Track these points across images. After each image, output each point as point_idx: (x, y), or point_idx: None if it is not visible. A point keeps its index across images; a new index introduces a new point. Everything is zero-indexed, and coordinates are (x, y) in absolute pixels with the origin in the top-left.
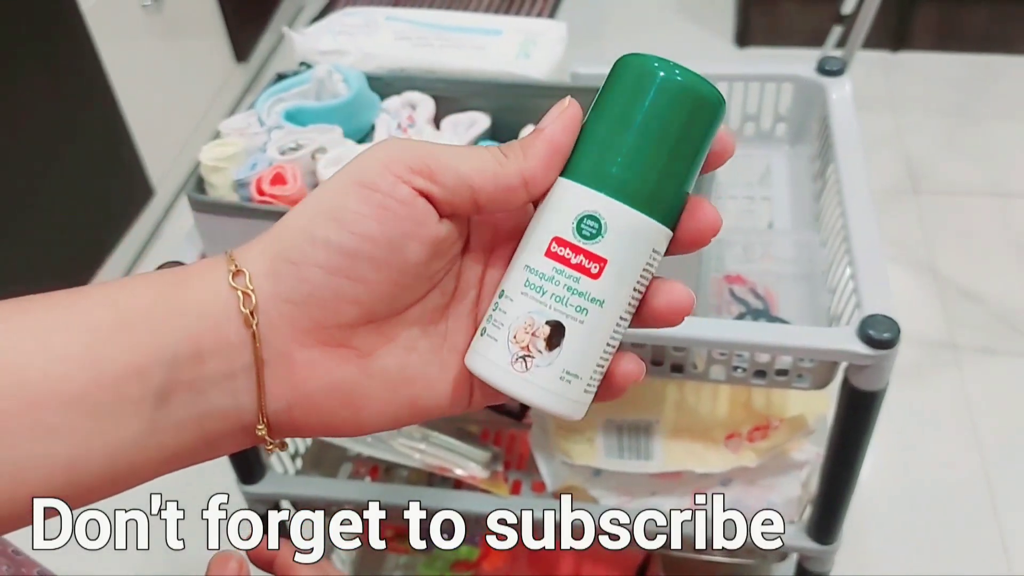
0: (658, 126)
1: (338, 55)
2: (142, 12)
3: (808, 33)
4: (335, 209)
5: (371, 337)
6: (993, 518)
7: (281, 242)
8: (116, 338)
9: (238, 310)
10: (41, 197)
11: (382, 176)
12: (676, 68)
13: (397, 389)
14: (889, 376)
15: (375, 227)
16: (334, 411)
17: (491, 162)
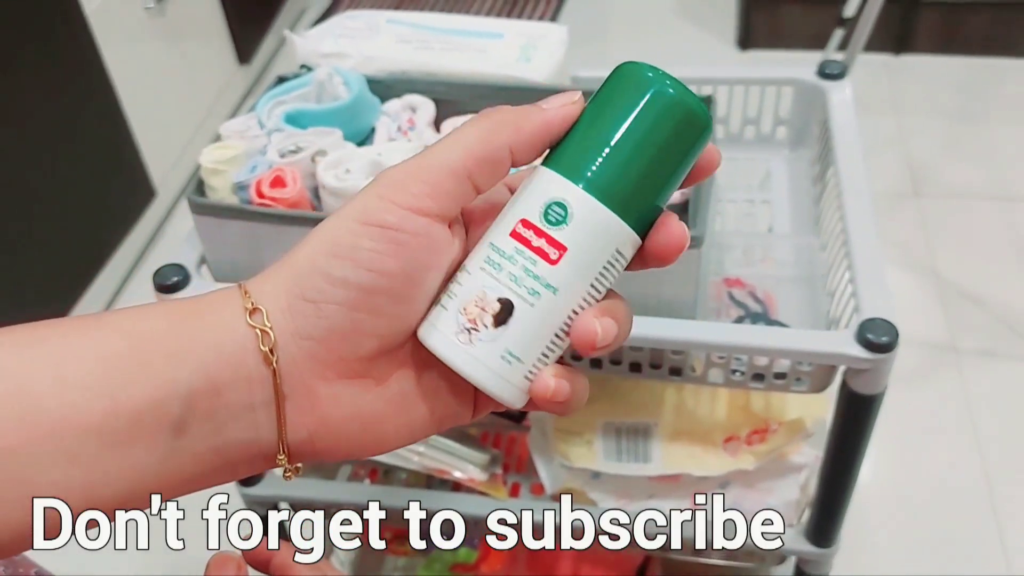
0: (642, 132)
1: (339, 58)
2: (145, 14)
3: (810, 36)
4: (349, 249)
5: (386, 364)
6: (993, 521)
7: (297, 280)
8: (132, 370)
9: (256, 347)
10: (44, 198)
11: (390, 211)
12: (669, 80)
13: (411, 409)
14: (887, 380)
15: (392, 263)
16: (354, 436)
17: (480, 142)
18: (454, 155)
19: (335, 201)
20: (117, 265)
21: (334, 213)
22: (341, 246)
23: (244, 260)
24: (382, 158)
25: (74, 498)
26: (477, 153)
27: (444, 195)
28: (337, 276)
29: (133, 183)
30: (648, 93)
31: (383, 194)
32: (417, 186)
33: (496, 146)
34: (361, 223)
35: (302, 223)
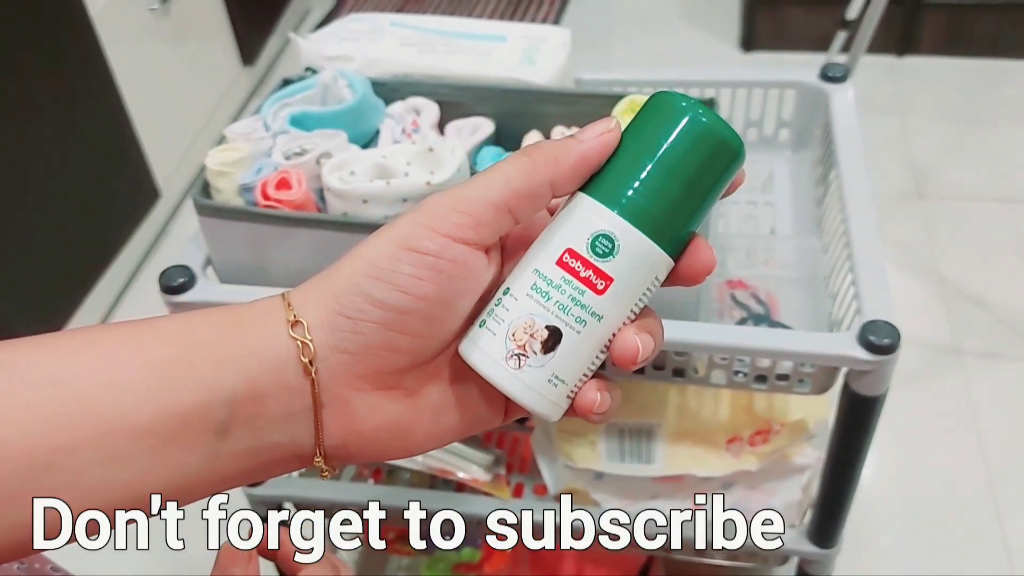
0: (678, 162)
1: (343, 60)
2: (150, 15)
3: (813, 38)
4: (389, 273)
5: (418, 377)
6: (996, 522)
7: (337, 297)
8: (180, 376)
9: (297, 358)
10: (48, 198)
11: (430, 239)
12: (703, 109)
13: (442, 417)
14: (890, 381)
15: (431, 289)
16: (386, 443)
17: (520, 175)
18: (495, 189)
19: (340, 203)
20: (121, 266)
21: (375, 234)
22: (381, 269)
23: (249, 262)
24: (386, 160)
25: (121, 494)
26: (518, 188)
27: (484, 226)
28: (376, 297)
29: (137, 184)
30: (683, 122)
31: (425, 222)
32: (458, 216)
33: (537, 182)
34: (402, 248)
35: (307, 225)
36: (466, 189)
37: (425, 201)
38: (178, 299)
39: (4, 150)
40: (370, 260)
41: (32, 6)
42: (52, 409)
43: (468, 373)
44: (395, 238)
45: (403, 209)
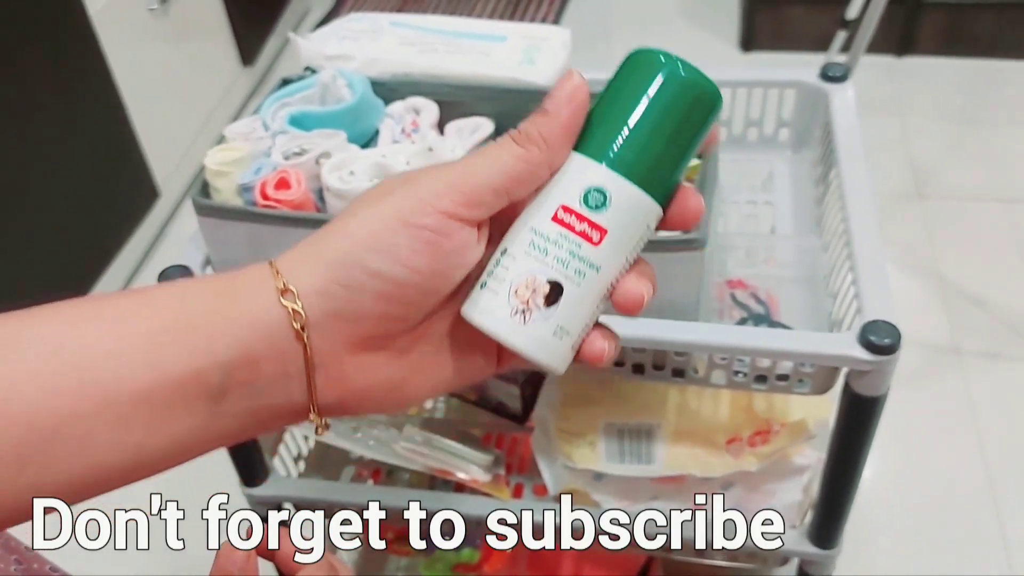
0: (664, 114)
1: (343, 60)
2: (149, 15)
3: (813, 38)
4: (388, 245)
5: (409, 338)
6: (996, 522)
7: (333, 266)
8: (176, 343)
9: (289, 324)
10: (47, 198)
11: (429, 215)
12: (680, 62)
13: (435, 371)
14: (890, 381)
15: (426, 262)
16: (380, 398)
17: (518, 162)
18: (495, 174)
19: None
20: (121, 265)
21: (367, 204)
22: (380, 241)
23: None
24: (386, 160)
25: (127, 456)
26: (517, 174)
27: (481, 206)
28: (373, 268)
29: (137, 184)
30: (662, 75)
31: (425, 198)
32: (459, 196)
33: (535, 164)
34: (400, 222)
35: (306, 224)
36: (467, 171)
37: (421, 174)
38: None
39: (4, 150)
40: (368, 232)
41: (32, 6)
42: (56, 379)
43: (458, 329)
44: (394, 212)
45: None
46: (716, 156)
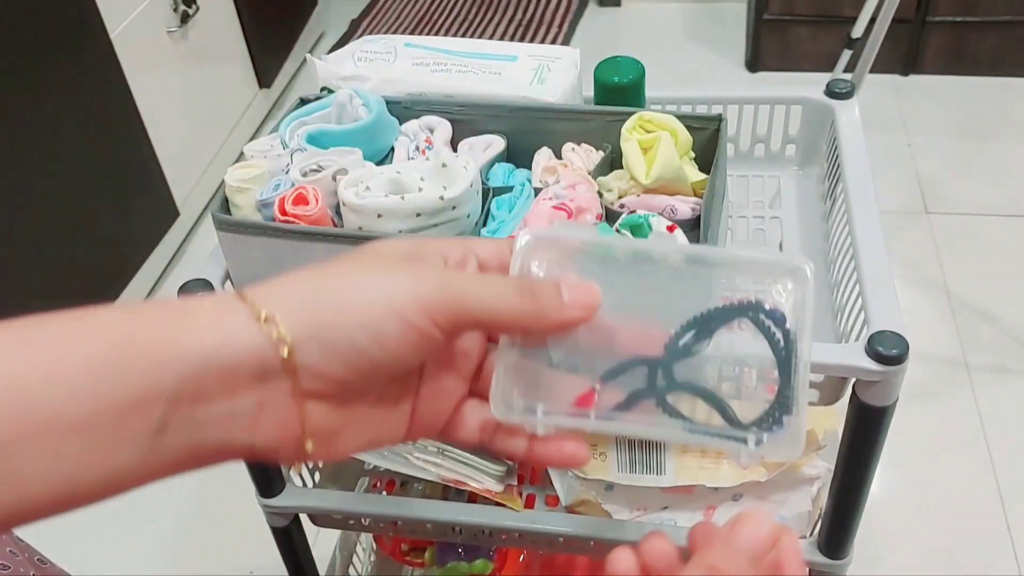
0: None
1: (359, 80)
2: (168, 38)
3: (818, 58)
4: (377, 329)
5: (363, 401)
6: (1006, 534)
7: (317, 325)
8: (118, 372)
9: (251, 359)
10: (69, 216)
11: (421, 319)
12: None
13: (368, 427)
14: (898, 392)
15: (407, 353)
16: (316, 445)
17: (508, 310)
18: (487, 309)
19: (355, 217)
20: (140, 283)
21: (369, 278)
22: (371, 321)
23: (267, 276)
24: (401, 176)
25: (58, 488)
26: (503, 321)
27: (464, 326)
28: (358, 345)
29: (157, 203)
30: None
31: (423, 298)
32: (450, 312)
33: (519, 325)
34: (394, 313)
35: (324, 239)
36: (465, 291)
37: (425, 266)
38: None
39: (28, 170)
40: (361, 308)
41: (54, 29)
42: None
43: (392, 394)
44: (390, 299)
45: (416, 223)
46: (724, 171)
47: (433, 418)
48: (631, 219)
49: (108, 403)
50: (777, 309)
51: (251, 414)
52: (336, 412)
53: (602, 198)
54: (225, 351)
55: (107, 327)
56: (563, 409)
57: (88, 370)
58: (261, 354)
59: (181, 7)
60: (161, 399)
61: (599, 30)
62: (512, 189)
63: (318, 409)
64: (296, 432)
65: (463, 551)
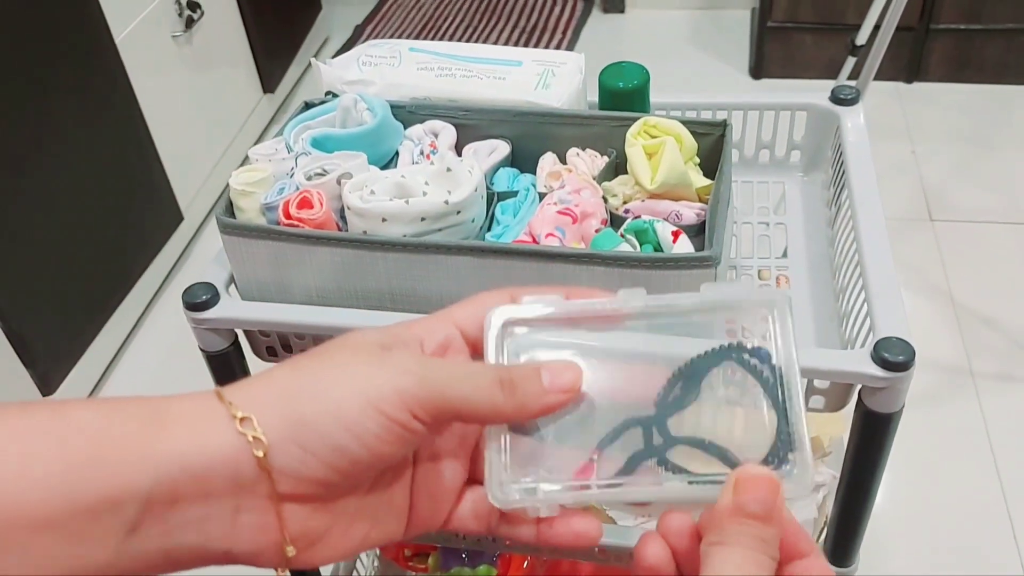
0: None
1: (363, 85)
2: (173, 43)
3: (822, 65)
4: (356, 426)
5: (350, 500)
6: (1012, 542)
7: (293, 425)
8: (93, 472)
9: (227, 462)
10: (74, 220)
11: (400, 411)
12: None
13: (351, 528)
14: (904, 398)
15: (388, 449)
16: (299, 550)
17: (488, 403)
18: (466, 402)
19: (360, 221)
20: (144, 287)
21: (343, 374)
22: (348, 418)
23: (271, 279)
24: (405, 180)
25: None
26: (480, 413)
27: (444, 417)
28: (337, 443)
29: (161, 207)
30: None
31: (401, 390)
32: (429, 405)
33: (501, 416)
34: (373, 407)
35: (328, 243)
36: (444, 383)
37: (397, 355)
38: (202, 316)
39: (33, 174)
40: (336, 403)
41: (59, 33)
42: None
43: (382, 490)
44: (366, 393)
45: (421, 228)
46: (729, 177)
47: (434, 511)
48: (636, 224)
49: (81, 501)
50: (761, 347)
51: (227, 519)
52: (319, 514)
53: (607, 203)
54: (200, 454)
55: (85, 424)
56: (564, 484)
57: (63, 468)
58: (236, 457)
59: (186, 12)
60: (134, 500)
61: (603, 37)
62: (517, 194)
63: (299, 512)
64: (275, 537)
65: (467, 556)
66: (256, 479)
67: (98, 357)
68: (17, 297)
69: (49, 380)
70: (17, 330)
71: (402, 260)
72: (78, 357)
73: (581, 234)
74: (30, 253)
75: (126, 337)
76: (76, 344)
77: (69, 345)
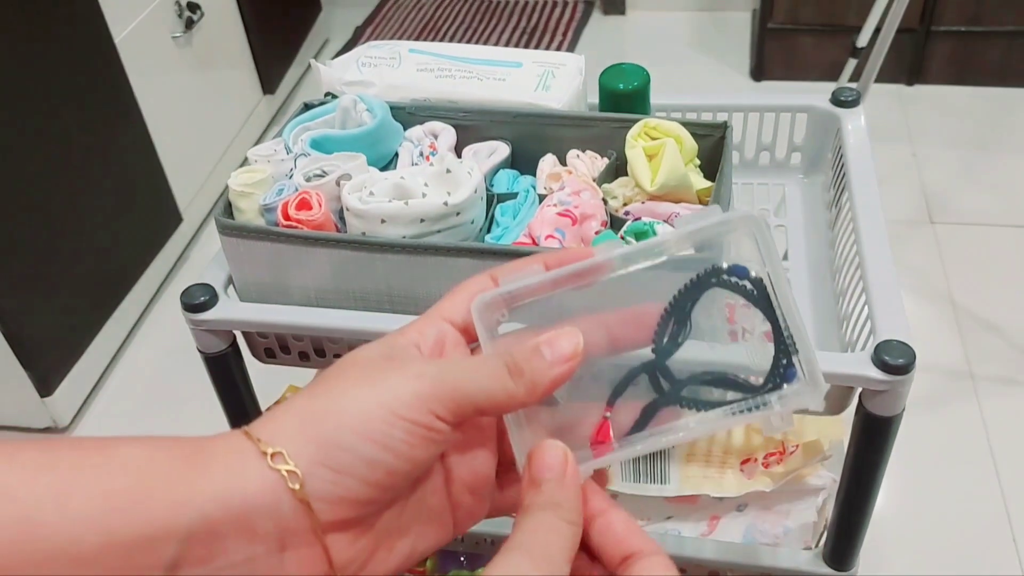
0: None
1: (363, 86)
2: (173, 44)
3: (823, 67)
4: (383, 436)
5: (384, 518)
6: (1012, 546)
7: (321, 447)
8: (133, 509)
9: (265, 499)
10: (73, 221)
11: (423, 414)
12: None
13: (396, 543)
14: (905, 402)
15: (417, 453)
16: (351, 574)
17: (502, 398)
18: (482, 396)
19: (359, 223)
20: (143, 288)
21: (361, 389)
22: (374, 430)
23: (270, 281)
24: (405, 181)
25: None
26: (497, 404)
27: (462, 416)
28: (367, 456)
29: (160, 208)
30: None
31: (420, 393)
32: (449, 403)
33: (515, 403)
34: (396, 415)
35: (327, 244)
36: (457, 380)
37: (410, 362)
38: (200, 317)
39: (33, 175)
40: (360, 417)
41: (58, 34)
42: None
43: (417, 499)
44: (388, 402)
45: (420, 229)
46: (730, 179)
47: (478, 503)
48: (636, 226)
49: (119, 538)
50: (735, 264)
51: (274, 558)
52: (363, 538)
53: (607, 205)
54: (239, 494)
55: (126, 461)
56: (586, 448)
57: (103, 504)
58: (274, 495)
59: (186, 13)
60: (172, 539)
61: (604, 38)
62: (516, 195)
63: (342, 540)
64: (323, 569)
65: (465, 559)
66: (296, 513)
67: (97, 358)
68: (16, 298)
69: (47, 381)
70: (16, 331)
71: (401, 261)
72: (77, 358)
73: (581, 236)
74: (29, 254)
75: (125, 338)
76: (75, 345)
77: (68, 346)
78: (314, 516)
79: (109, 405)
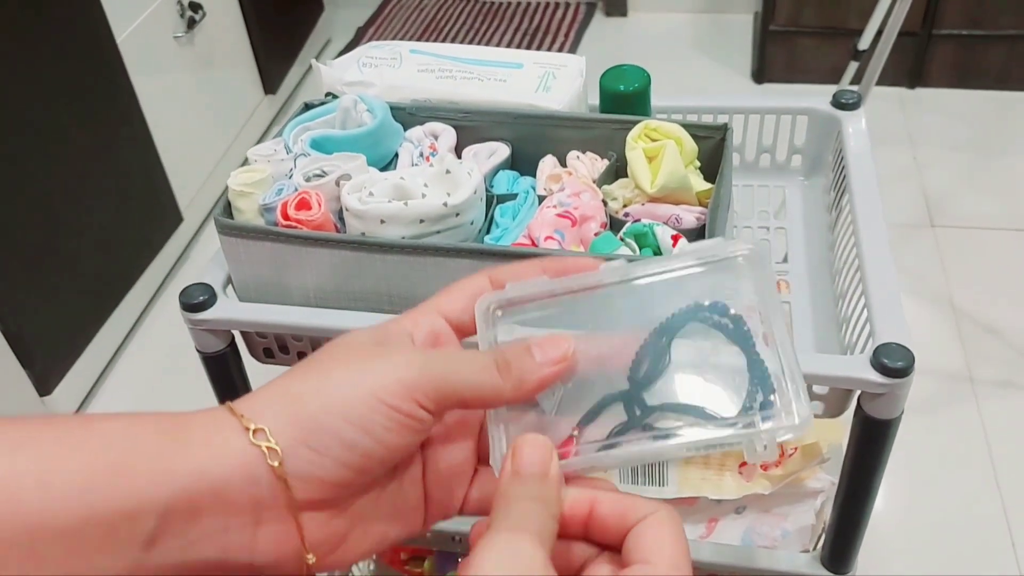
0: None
1: (363, 86)
2: (175, 43)
3: (824, 70)
4: (364, 420)
5: (364, 501)
6: (1011, 550)
7: (303, 428)
8: (113, 482)
9: (244, 474)
10: (74, 221)
11: (405, 401)
12: None
13: (370, 527)
14: (904, 405)
15: (397, 440)
16: (320, 556)
17: (489, 391)
18: (467, 387)
19: (358, 223)
20: (143, 288)
21: (346, 373)
22: (356, 414)
23: (269, 281)
24: (404, 181)
25: None
26: (482, 396)
27: (446, 405)
28: (347, 439)
29: (161, 208)
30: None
31: (405, 381)
32: (431, 392)
33: (502, 399)
34: (377, 400)
35: (326, 244)
36: (445, 371)
37: (396, 349)
38: (199, 316)
39: (34, 175)
40: (342, 400)
41: (60, 33)
42: None
43: (394, 485)
44: (371, 387)
45: (420, 230)
46: (730, 181)
47: (449, 497)
48: (635, 228)
49: (99, 511)
50: (717, 302)
51: (247, 531)
52: (337, 519)
53: (607, 206)
54: (218, 468)
55: (107, 436)
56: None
57: (83, 478)
58: (253, 469)
59: (188, 13)
60: (152, 512)
61: (605, 40)
62: (516, 196)
63: (317, 519)
64: (295, 546)
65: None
66: (273, 489)
67: (96, 358)
68: (15, 297)
69: (47, 380)
70: (15, 330)
71: (400, 262)
72: (76, 358)
73: (580, 237)
74: (29, 253)
75: (124, 338)
76: (74, 345)
77: (67, 346)
78: (290, 494)
79: (108, 404)
